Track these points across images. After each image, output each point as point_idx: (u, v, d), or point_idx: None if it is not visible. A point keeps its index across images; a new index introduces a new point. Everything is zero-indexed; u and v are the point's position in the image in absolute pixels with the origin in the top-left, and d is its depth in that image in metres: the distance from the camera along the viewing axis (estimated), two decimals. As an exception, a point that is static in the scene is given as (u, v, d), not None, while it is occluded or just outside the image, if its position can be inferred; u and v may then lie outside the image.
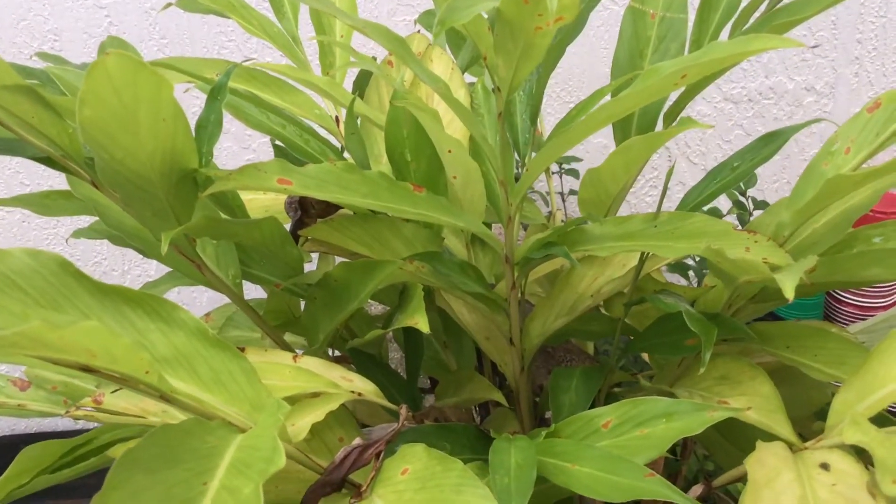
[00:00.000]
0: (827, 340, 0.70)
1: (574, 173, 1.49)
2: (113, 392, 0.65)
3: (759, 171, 0.84)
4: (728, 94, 1.91)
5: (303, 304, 1.00)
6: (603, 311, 0.89)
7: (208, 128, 0.72)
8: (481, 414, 0.99)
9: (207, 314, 1.08)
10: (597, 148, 1.74)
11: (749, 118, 1.93)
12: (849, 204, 0.68)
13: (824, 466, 0.56)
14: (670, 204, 1.88)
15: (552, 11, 0.52)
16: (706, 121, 1.98)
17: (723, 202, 1.50)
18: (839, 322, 1.63)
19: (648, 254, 0.77)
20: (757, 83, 1.94)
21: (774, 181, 1.89)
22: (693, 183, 2.06)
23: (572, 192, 1.56)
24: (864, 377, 0.62)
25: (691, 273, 1.19)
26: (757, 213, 1.51)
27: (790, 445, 0.61)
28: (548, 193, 1.30)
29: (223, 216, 0.75)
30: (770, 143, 0.74)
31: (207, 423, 0.53)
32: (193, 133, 0.68)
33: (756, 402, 0.66)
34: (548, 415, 0.98)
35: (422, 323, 0.68)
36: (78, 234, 1.00)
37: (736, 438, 0.77)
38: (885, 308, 1.66)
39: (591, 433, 0.66)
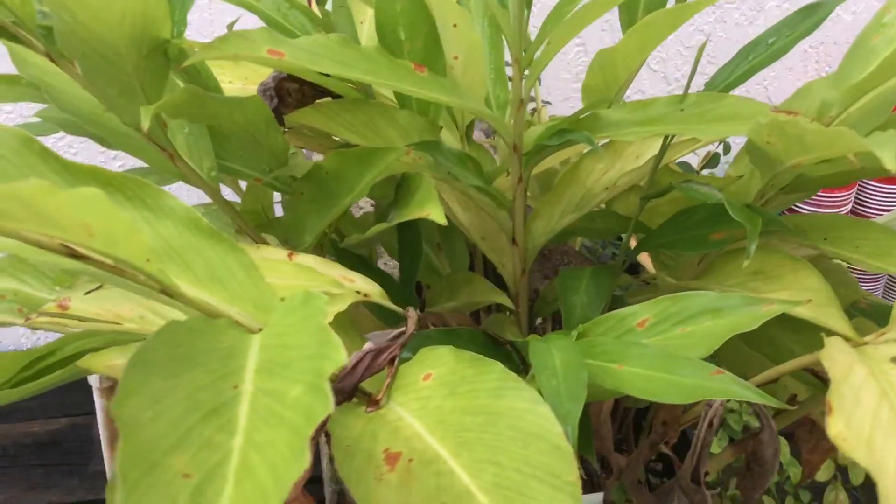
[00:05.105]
0: (866, 231, 0.65)
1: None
2: (86, 293, 0.56)
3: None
4: (689, -2, 1.84)
5: (276, 207, 0.91)
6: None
7: (182, -9, 0.62)
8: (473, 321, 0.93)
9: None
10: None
11: (710, 23, 1.87)
12: (894, 81, 0.62)
13: None
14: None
15: None
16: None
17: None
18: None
19: (669, 142, 0.71)
20: (719, -14, 1.88)
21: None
22: (653, 92, 2.01)
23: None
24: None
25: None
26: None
27: (847, 340, 0.56)
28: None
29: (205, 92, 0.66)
30: (809, 16, 0.67)
31: (214, 322, 0.45)
32: (166, -3, 0.58)
33: (804, 297, 0.61)
34: (539, 322, 0.93)
35: (436, 213, 0.60)
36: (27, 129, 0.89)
37: (757, 343, 0.72)
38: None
39: (625, 333, 0.60)
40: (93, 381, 1.15)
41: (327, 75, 0.71)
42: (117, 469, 0.28)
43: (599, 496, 0.79)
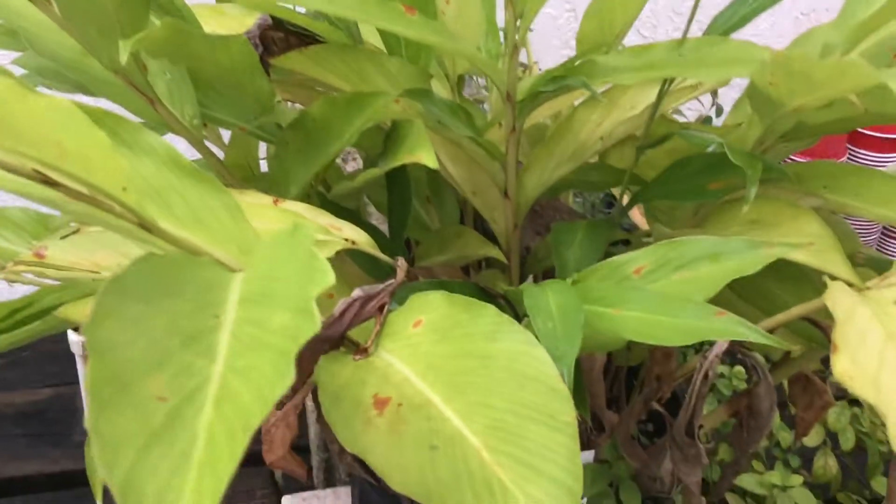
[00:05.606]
0: (869, 179, 0.63)
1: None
2: (63, 237, 0.54)
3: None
4: (679, -39, 1.82)
5: (262, 163, 0.89)
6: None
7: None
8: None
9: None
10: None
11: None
12: (897, 22, 0.61)
13: (900, 304, 0.50)
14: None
15: None
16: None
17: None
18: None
19: (667, 88, 0.69)
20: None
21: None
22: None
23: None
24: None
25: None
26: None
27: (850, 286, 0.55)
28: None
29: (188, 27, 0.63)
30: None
31: (195, 258, 0.43)
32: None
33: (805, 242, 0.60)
34: (529, 280, 0.91)
35: (427, 157, 0.59)
36: None
37: (751, 296, 0.71)
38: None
39: (621, 281, 0.58)
40: (76, 349, 1.12)
41: (314, 17, 0.69)
42: (87, 388, 0.26)
43: (590, 454, 0.78)
